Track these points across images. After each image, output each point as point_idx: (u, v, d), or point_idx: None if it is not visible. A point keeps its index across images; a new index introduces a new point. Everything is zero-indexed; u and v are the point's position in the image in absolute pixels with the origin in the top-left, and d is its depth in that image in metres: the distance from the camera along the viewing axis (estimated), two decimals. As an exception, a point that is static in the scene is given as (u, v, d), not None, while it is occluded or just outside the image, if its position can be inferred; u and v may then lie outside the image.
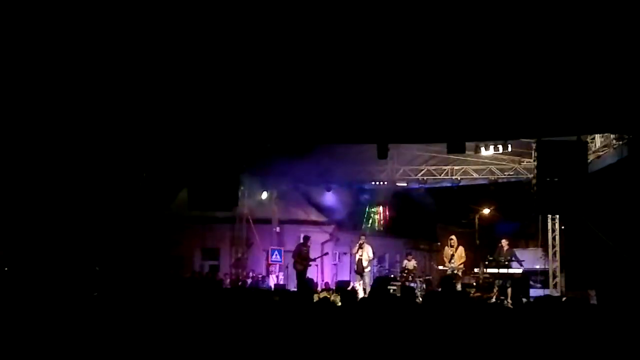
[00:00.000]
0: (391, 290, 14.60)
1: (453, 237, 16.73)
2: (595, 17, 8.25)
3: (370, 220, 19.47)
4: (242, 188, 17.61)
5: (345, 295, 7.59)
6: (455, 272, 16.03)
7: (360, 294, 16.22)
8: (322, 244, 26.01)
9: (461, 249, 16.46)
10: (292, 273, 18.52)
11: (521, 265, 15.90)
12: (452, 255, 16.28)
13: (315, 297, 9.33)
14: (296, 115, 11.78)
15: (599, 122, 12.23)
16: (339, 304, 8.36)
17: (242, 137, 14.13)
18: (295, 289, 16.28)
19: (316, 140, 13.47)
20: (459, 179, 18.16)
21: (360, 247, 16.76)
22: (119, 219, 16.76)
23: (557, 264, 17.35)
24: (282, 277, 20.85)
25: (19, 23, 8.38)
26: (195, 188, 13.99)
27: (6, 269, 14.44)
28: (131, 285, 14.21)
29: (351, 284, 17.22)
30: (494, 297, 15.32)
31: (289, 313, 6.26)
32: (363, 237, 17.27)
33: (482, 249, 18.37)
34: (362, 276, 16.64)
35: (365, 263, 16.65)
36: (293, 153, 14.55)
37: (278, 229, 21.94)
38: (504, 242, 16.21)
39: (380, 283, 9.11)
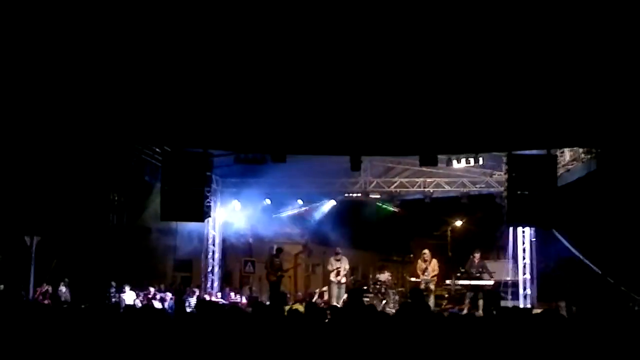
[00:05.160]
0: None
1: (426, 251, 16.86)
2: (565, 36, 8.42)
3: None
4: (214, 199, 17.52)
5: (311, 308, 7.57)
6: (429, 284, 16.14)
7: (334, 304, 16.29)
8: (295, 255, 25.95)
9: (434, 261, 16.57)
10: (266, 284, 18.46)
11: (491, 277, 16.03)
12: (426, 269, 16.40)
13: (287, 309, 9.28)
14: (269, 126, 11.81)
15: (568, 137, 12.45)
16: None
17: (215, 148, 14.12)
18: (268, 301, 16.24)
19: (289, 151, 13.49)
20: (431, 191, 18.26)
21: (338, 259, 16.85)
22: (89, 229, 16.56)
23: (528, 275, 17.51)
24: (255, 289, 20.75)
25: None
26: (167, 199, 13.91)
27: None
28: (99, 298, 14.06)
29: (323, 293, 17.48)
30: (466, 308, 15.43)
31: (261, 325, 6.24)
32: (339, 249, 17.36)
33: (454, 261, 18.49)
34: (339, 288, 16.71)
35: (343, 276, 16.77)
36: (266, 164, 14.56)
37: (251, 240, 21.85)
38: (476, 254, 16.35)
39: (354, 295, 9.14)
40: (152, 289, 17.44)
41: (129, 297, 16.30)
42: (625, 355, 5.54)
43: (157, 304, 16.05)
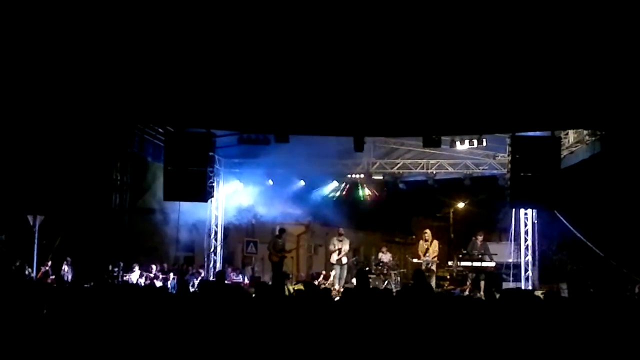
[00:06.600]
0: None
1: (427, 231, 16.91)
2: (568, 17, 8.35)
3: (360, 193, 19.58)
4: (217, 179, 17.53)
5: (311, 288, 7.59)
6: (430, 265, 16.20)
7: (336, 285, 16.42)
8: (298, 236, 26.03)
9: (435, 242, 16.63)
10: (268, 265, 18.53)
11: (492, 259, 16.08)
12: (427, 249, 16.47)
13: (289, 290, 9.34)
14: (273, 106, 11.76)
15: (572, 118, 12.39)
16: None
17: (218, 128, 14.09)
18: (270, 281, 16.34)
19: (293, 131, 13.46)
20: (434, 173, 18.23)
21: (340, 240, 16.95)
22: (91, 209, 16.61)
23: (530, 257, 17.53)
24: (258, 269, 20.83)
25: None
26: (170, 179, 13.91)
27: None
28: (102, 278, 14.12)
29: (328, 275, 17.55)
30: (467, 290, 15.50)
31: (264, 305, 6.27)
32: (342, 230, 17.44)
33: (456, 243, 18.54)
34: (341, 268, 16.82)
35: (344, 255, 16.86)
36: (269, 145, 14.54)
37: (254, 220, 21.88)
38: (479, 236, 16.38)
39: (362, 276, 9.23)
40: (153, 267, 17.53)
41: (136, 276, 16.39)
42: (624, 337, 5.56)
43: (159, 284, 16.14)
